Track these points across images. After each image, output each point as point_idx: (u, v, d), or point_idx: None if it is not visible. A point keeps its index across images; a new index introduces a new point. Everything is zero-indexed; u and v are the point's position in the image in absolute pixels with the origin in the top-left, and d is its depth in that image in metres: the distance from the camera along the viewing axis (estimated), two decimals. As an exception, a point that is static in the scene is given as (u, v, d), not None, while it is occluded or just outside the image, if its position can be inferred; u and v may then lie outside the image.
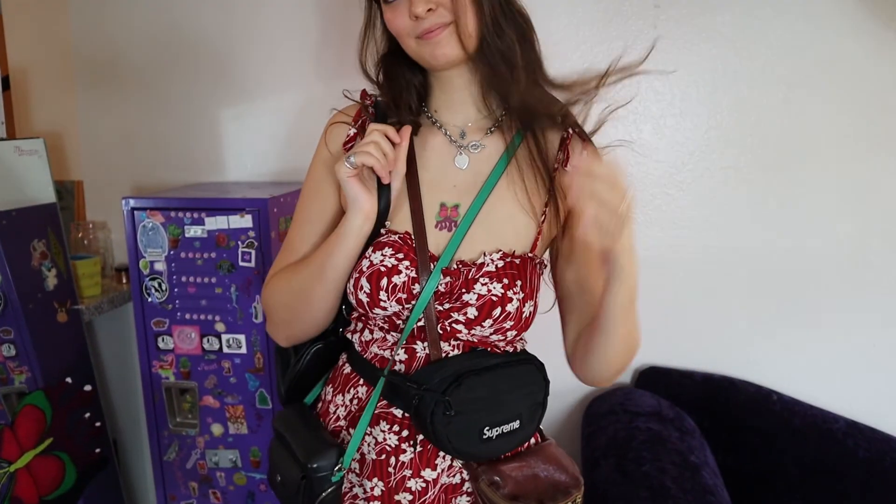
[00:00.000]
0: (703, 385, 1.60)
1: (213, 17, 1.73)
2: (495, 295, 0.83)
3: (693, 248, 1.61)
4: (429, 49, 0.84)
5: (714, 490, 1.24)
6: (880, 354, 1.58)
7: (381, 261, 0.84)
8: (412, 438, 0.88)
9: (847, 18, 1.46)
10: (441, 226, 0.88)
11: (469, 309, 0.83)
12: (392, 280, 0.83)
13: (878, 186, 1.52)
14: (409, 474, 0.88)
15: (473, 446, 0.84)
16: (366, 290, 0.84)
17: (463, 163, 0.91)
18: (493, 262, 0.84)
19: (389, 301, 0.84)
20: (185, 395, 1.57)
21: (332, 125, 0.95)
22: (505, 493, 0.85)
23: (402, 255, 0.85)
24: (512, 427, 0.85)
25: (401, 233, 0.87)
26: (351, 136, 0.93)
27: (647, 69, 0.98)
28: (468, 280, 0.84)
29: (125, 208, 1.47)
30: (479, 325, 0.84)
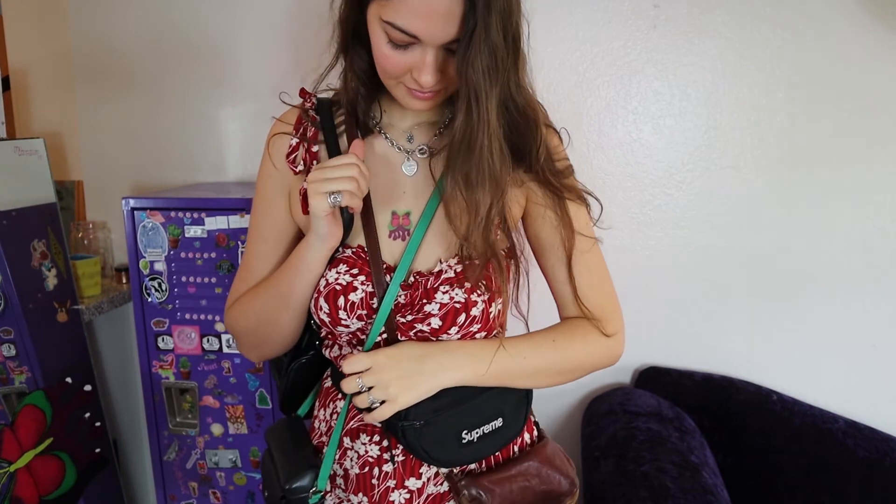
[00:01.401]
0: (703, 385, 1.60)
1: (213, 17, 1.73)
2: (458, 301, 0.80)
3: (693, 248, 1.61)
4: (408, 101, 0.79)
5: (714, 490, 1.24)
6: (880, 354, 1.58)
7: (337, 279, 0.82)
8: (394, 447, 0.86)
9: (847, 18, 1.46)
10: (394, 235, 0.85)
11: (432, 319, 0.81)
12: (349, 298, 0.81)
13: (879, 186, 1.52)
14: (393, 485, 0.86)
15: (453, 452, 0.81)
16: (325, 310, 0.82)
17: (411, 169, 0.87)
18: (452, 268, 0.82)
19: (350, 319, 0.82)
20: (185, 395, 1.57)
21: (273, 136, 0.90)
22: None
23: (356, 270, 0.82)
24: (494, 426, 0.83)
25: (354, 247, 0.84)
26: (293, 146, 0.88)
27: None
28: (428, 290, 0.81)
29: (125, 208, 1.47)
30: (446, 332, 0.82)
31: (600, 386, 1.71)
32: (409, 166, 0.87)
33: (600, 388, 1.70)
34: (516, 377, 0.84)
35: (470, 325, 0.82)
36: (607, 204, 1.58)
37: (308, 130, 0.88)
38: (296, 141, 0.88)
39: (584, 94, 1.58)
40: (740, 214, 1.57)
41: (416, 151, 0.87)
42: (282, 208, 0.90)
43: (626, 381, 1.71)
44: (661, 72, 1.55)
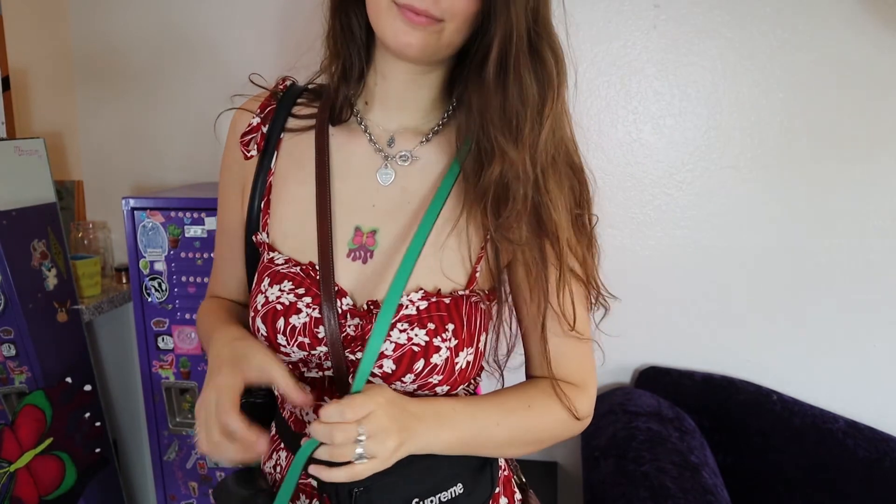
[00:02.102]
0: (703, 385, 1.60)
1: (213, 16, 1.73)
2: (417, 344, 0.66)
3: (693, 248, 1.61)
4: (395, 28, 0.64)
5: (714, 490, 1.24)
6: (880, 354, 1.58)
7: (278, 297, 0.69)
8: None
9: (847, 18, 1.46)
10: (354, 255, 0.71)
11: (385, 361, 0.66)
12: (290, 321, 0.68)
13: (879, 186, 1.52)
14: None
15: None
16: (262, 332, 0.69)
17: (387, 178, 0.73)
18: (414, 304, 0.67)
19: (290, 346, 0.68)
20: (185, 395, 1.57)
21: (236, 114, 0.81)
22: None
23: (303, 290, 0.69)
24: (453, 493, 0.69)
25: (304, 264, 0.71)
26: (253, 125, 0.77)
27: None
28: None
29: (125, 208, 1.47)
30: (399, 380, 0.67)
31: (600, 386, 1.71)
32: (385, 174, 0.73)
33: (600, 388, 1.70)
34: (483, 446, 0.70)
35: (429, 374, 0.67)
36: (607, 203, 1.60)
37: (268, 112, 0.78)
38: (257, 121, 0.77)
39: (584, 94, 1.58)
40: (740, 214, 1.57)
41: (396, 157, 0.73)
42: (236, 201, 0.80)
43: (626, 381, 1.71)
44: (661, 72, 1.55)
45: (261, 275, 0.72)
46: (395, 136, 0.74)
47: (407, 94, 0.73)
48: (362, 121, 0.75)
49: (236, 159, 0.78)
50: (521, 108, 0.65)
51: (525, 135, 0.65)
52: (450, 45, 0.66)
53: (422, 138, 0.74)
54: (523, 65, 0.65)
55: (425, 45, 0.64)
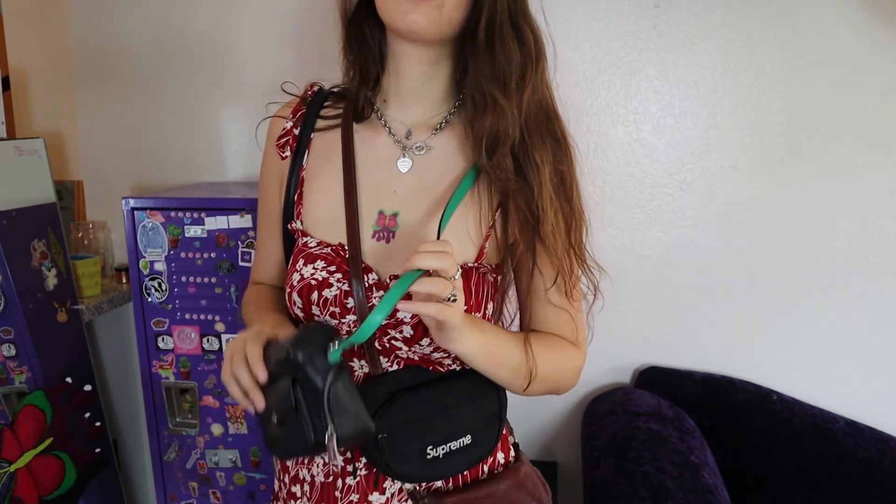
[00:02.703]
0: (703, 385, 1.60)
1: (213, 16, 1.73)
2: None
3: (693, 248, 1.61)
4: (402, 11, 0.73)
5: (714, 490, 1.24)
6: (880, 354, 1.58)
7: (312, 274, 0.79)
8: (357, 460, 0.80)
9: (847, 18, 1.46)
10: (378, 236, 0.81)
11: (405, 327, 0.76)
12: (323, 294, 0.78)
13: (879, 186, 1.52)
14: (356, 499, 0.81)
15: (417, 468, 0.77)
16: (298, 304, 0.80)
17: (405, 165, 0.83)
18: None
19: (323, 315, 0.79)
20: (185, 395, 1.57)
21: (271, 121, 0.92)
22: None
23: (334, 267, 0.79)
24: (462, 443, 0.79)
25: (334, 244, 0.81)
26: (286, 129, 0.88)
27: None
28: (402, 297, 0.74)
29: (125, 208, 1.47)
30: (417, 343, 0.78)
31: (600, 386, 1.71)
32: (404, 163, 0.83)
33: (600, 388, 1.70)
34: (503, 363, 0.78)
35: None
36: (607, 203, 1.60)
37: (300, 115, 0.89)
38: (290, 124, 0.89)
39: (584, 94, 1.58)
40: (740, 214, 1.57)
41: (412, 148, 0.84)
42: (274, 196, 0.90)
43: (626, 381, 1.71)
44: (661, 72, 1.55)
45: (296, 257, 0.82)
46: (412, 129, 0.84)
47: (420, 88, 0.83)
48: (382, 116, 0.85)
49: (273, 160, 0.89)
50: (507, 67, 0.76)
51: (511, 88, 0.76)
52: (451, 20, 0.75)
53: (433, 129, 0.84)
54: (507, 32, 0.75)
55: (430, 20, 0.73)
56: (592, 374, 1.70)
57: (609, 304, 1.70)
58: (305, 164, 0.87)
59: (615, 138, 1.59)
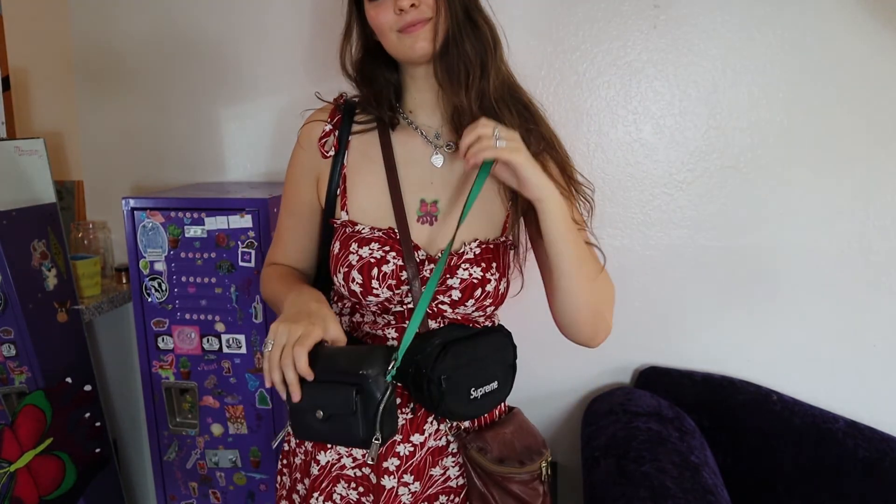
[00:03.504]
0: (703, 385, 1.60)
1: (213, 17, 1.73)
2: (475, 278, 0.93)
3: (693, 248, 1.61)
4: (409, 42, 0.90)
5: (714, 490, 1.24)
6: (880, 354, 1.58)
7: (370, 254, 0.92)
8: (404, 406, 0.96)
9: (847, 18, 1.46)
10: (422, 220, 0.97)
11: (453, 291, 0.93)
12: (382, 269, 0.92)
13: (879, 186, 1.52)
14: (399, 439, 0.96)
15: (463, 406, 0.91)
16: (358, 281, 0.93)
17: (439, 161, 0.98)
18: (472, 251, 0.94)
19: (381, 289, 0.92)
20: (185, 395, 1.57)
21: (307, 124, 1.03)
22: (492, 457, 0.94)
23: (388, 247, 0.93)
24: (492, 387, 0.94)
25: (385, 228, 0.95)
26: (326, 131, 1.01)
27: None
28: (451, 267, 0.93)
29: (125, 208, 1.47)
30: (463, 304, 0.94)
31: (600, 386, 1.71)
32: (437, 159, 0.98)
33: (600, 388, 1.70)
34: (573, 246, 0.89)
35: (484, 298, 0.94)
36: (607, 204, 1.60)
37: (337, 120, 1.01)
38: (329, 127, 1.01)
39: (584, 94, 1.58)
40: (740, 214, 1.57)
41: (443, 146, 0.99)
42: (307, 189, 1.03)
43: (626, 381, 1.71)
44: (661, 72, 1.55)
45: (346, 242, 0.95)
46: (440, 131, 1.00)
47: (437, 98, 0.98)
48: (412, 123, 1.00)
49: (311, 158, 1.01)
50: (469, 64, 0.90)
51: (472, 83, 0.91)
52: (445, 31, 0.90)
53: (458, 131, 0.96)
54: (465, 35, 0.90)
55: (429, 39, 0.90)
56: (592, 374, 1.70)
57: (609, 304, 1.70)
58: (346, 162, 1.00)
59: (615, 138, 1.59)
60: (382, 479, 0.96)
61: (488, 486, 0.95)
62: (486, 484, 0.95)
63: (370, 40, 0.98)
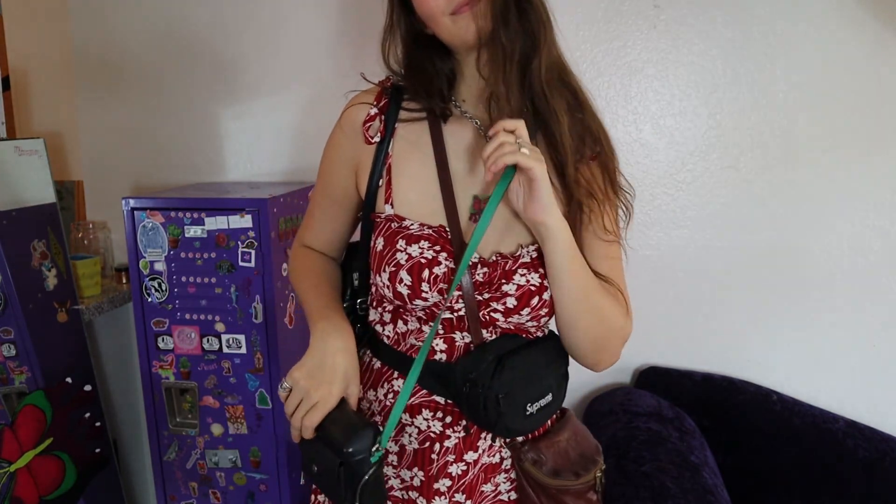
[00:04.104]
0: (703, 385, 1.60)
1: (213, 17, 1.73)
2: (533, 285, 0.84)
3: (693, 248, 1.61)
4: (464, 22, 0.82)
5: (714, 490, 1.24)
6: (880, 354, 1.58)
7: (421, 253, 0.84)
8: (456, 424, 0.89)
9: (847, 18, 1.46)
10: (475, 218, 0.87)
11: (508, 299, 0.85)
12: (433, 271, 0.84)
13: (878, 186, 1.52)
14: (452, 459, 0.90)
15: (519, 422, 0.86)
16: (406, 282, 0.84)
17: None
18: (529, 254, 0.86)
19: (431, 292, 0.84)
20: (185, 395, 1.57)
21: (351, 106, 0.95)
22: (547, 469, 0.89)
23: (438, 247, 0.85)
24: (547, 400, 0.88)
25: (435, 226, 0.87)
26: (371, 115, 0.92)
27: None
28: (506, 271, 0.85)
29: (125, 208, 1.47)
30: (518, 313, 0.85)
31: (600, 386, 1.71)
32: None
33: (600, 388, 1.70)
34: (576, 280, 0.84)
35: (541, 307, 0.85)
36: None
37: (384, 105, 0.93)
38: (375, 111, 0.92)
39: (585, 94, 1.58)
40: (740, 214, 1.57)
41: None
42: (344, 175, 0.96)
43: (626, 381, 1.71)
44: (661, 72, 1.55)
45: (393, 238, 0.86)
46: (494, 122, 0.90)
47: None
48: (466, 113, 0.91)
49: (352, 142, 0.93)
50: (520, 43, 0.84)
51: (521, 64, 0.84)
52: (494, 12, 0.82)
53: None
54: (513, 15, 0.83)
55: (479, 21, 0.82)
56: (592, 374, 1.70)
57: (609, 304, 1.70)
58: (391, 151, 0.91)
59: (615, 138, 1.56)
60: (433, 502, 0.91)
61: (541, 498, 0.90)
62: (540, 497, 0.90)
63: (416, 31, 0.91)
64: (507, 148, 0.76)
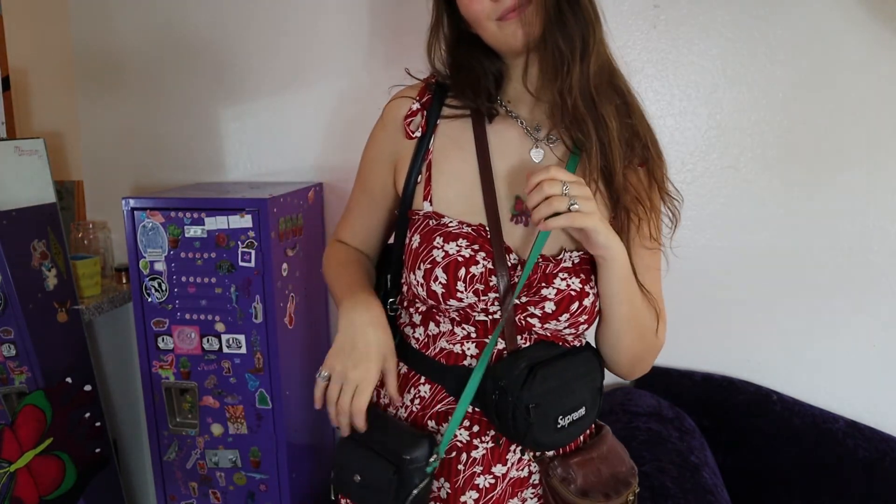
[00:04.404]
0: (703, 385, 1.60)
1: (213, 17, 1.73)
2: (574, 290, 0.82)
3: (693, 248, 1.61)
4: (511, 29, 0.81)
5: (714, 490, 1.24)
6: (880, 354, 1.58)
7: (458, 251, 0.82)
8: (484, 433, 0.87)
9: (847, 18, 1.46)
10: (516, 220, 0.86)
11: (547, 304, 0.82)
12: (470, 271, 0.82)
13: (878, 186, 1.52)
14: (480, 471, 0.87)
15: (549, 435, 0.83)
16: (441, 280, 0.82)
17: (538, 156, 0.88)
18: (571, 259, 0.84)
19: (466, 292, 0.82)
20: (185, 395, 1.57)
21: (395, 99, 0.94)
22: (575, 488, 0.85)
23: (477, 246, 0.83)
24: (580, 414, 0.85)
25: (474, 225, 0.85)
26: (413, 110, 0.91)
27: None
28: (546, 275, 0.83)
29: (125, 208, 1.47)
30: (556, 319, 0.83)
31: (600, 386, 1.71)
32: (537, 153, 0.88)
33: (600, 388, 1.70)
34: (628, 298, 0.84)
35: (580, 314, 0.84)
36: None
37: (427, 101, 0.91)
38: (417, 106, 0.91)
39: (584, 94, 1.58)
40: (740, 214, 1.57)
41: (544, 140, 0.88)
42: (383, 171, 0.95)
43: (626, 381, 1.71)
44: (661, 72, 1.55)
45: (430, 235, 0.85)
46: (541, 124, 0.89)
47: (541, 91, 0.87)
48: (511, 112, 0.90)
49: (393, 137, 0.92)
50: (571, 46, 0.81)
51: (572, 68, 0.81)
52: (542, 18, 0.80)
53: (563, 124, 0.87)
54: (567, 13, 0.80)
55: (526, 27, 0.80)
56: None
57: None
58: (432, 147, 0.90)
59: (615, 138, 1.59)
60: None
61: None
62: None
63: (461, 31, 0.89)
64: (555, 204, 0.74)
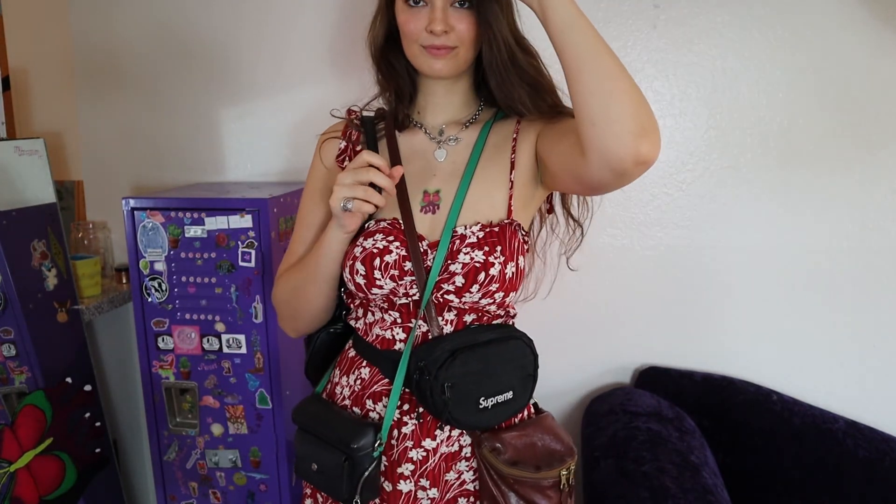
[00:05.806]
0: (703, 385, 1.60)
1: (213, 17, 1.73)
2: (478, 262, 0.90)
3: (693, 248, 1.61)
4: (428, 63, 0.93)
5: (714, 490, 1.24)
6: (880, 354, 1.58)
7: (374, 244, 0.93)
8: (413, 411, 0.95)
9: (847, 18, 1.46)
10: (425, 210, 0.98)
11: (456, 278, 0.91)
12: (384, 259, 0.92)
13: (879, 186, 1.52)
14: (411, 445, 0.95)
15: (471, 415, 0.91)
16: (361, 272, 0.92)
17: (441, 156, 1.01)
18: (474, 234, 0.93)
19: (384, 279, 0.92)
20: (185, 395, 1.57)
21: (324, 142, 1.07)
22: (505, 458, 0.92)
23: (392, 237, 0.93)
24: (506, 397, 0.93)
25: (389, 219, 0.96)
26: (342, 148, 1.04)
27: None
28: (452, 252, 0.92)
29: (125, 208, 1.47)
30: (468, 291, 0.91)
31: (600, 386, 1.71)
32: (440, 153, 1.01)
33: (600, 389, 1.70)
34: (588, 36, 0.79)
35: (489, 283, 0.90)
36: (607, 204, 1.60)
37: (353, 136, 1.05)
38: (344, 144, 1.05)
39: (584, 94, 1.58)
40: (740, 214, 1.57)
41: (446, 141, 1.02)
42: (323, 205, 1.05)
43: (626, 381, 1.71)
44: (660, 72, 1.55)
45: (355, 240, 0.95)
46: (444, 128, 1.03)
47: (446, 101, 1.03)
48: (418, 123, 1.04)
49: (330, 172, 1.05)
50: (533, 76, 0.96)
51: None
52: (466, 61, 0.96)
53: (462, 125, 1.03)
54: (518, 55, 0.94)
55: (450, 67, 0.95)
56: (592, 374, 1.70)
57: (609, 304, 1.70)
58: None
59: (615, 138, 1.59)
60: (399, 485, 0.95)
61: (501, 488, 0.93)
62: (499, 486, 0.93)
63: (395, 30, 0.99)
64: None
